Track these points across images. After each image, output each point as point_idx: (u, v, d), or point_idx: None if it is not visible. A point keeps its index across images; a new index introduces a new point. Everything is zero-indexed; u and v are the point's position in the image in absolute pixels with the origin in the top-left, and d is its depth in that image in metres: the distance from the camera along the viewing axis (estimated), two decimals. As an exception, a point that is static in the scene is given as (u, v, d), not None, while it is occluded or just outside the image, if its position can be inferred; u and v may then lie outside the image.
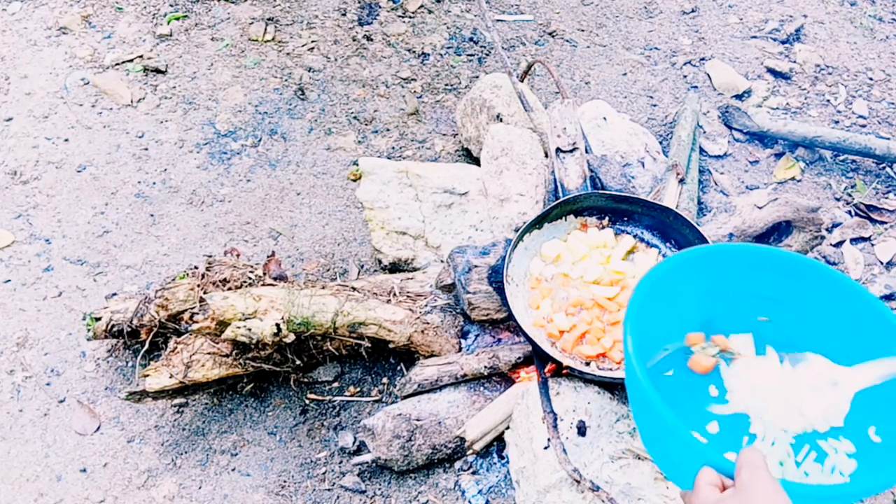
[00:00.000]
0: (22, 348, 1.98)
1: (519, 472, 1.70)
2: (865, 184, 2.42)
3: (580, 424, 1.65)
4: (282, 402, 1.91)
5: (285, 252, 2.18)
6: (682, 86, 2.65)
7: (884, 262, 2.23)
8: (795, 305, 1.40)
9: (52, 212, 2.24)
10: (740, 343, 1.42)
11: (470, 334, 1.87)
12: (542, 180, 2.04)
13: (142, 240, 2.20)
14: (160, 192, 2.31)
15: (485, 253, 1.83)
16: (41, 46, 2.64)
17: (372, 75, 2.63)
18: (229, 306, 1.70)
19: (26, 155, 2.36)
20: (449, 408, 1.77)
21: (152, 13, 2.75)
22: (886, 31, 2.87)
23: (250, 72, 2.61)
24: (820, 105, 2.62)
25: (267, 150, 2.42)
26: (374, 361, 1.96)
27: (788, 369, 1.37)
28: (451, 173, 2.10)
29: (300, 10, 2.80)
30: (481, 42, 2.75)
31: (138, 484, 1.78)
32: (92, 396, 1.91)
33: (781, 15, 2.88)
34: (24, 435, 1.85)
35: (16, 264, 2.13)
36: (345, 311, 1.77)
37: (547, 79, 2.65)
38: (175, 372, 1.74)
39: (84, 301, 2.06)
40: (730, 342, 1.41)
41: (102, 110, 2.49)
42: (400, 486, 1.78)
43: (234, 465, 1.82)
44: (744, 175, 2.41)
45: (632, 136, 2.21)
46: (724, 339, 1.43)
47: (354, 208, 2.28)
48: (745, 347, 1.41)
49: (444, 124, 2.51)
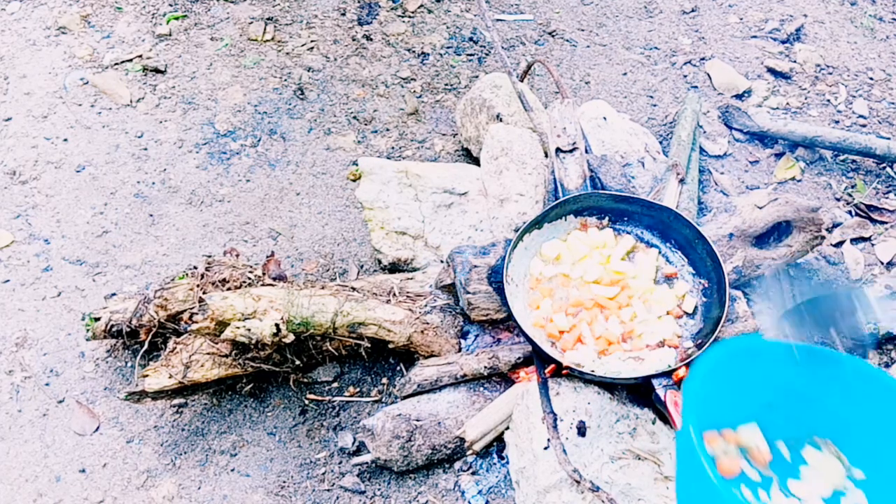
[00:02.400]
0: (21, 348, 1.98)
1: (519, 472, 1.70)
2: (866, 184, 2.41)
3: (580, 425, 1.64)
4: (281, 402, 1.91)
5: (285, 252, 2.18)
6: (682, 85, 2.64)
7: (884, 263, 2.23)
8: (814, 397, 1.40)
9: (51, 212, 2.24)
10: (748, 434, 1.43)
11: (470, 334, 1.87)
12: (541, 180, 2.04)
13: (141, 240, 2.19)
14: (159, 192, 2.30)
15: (484, 253, 1.82)
16: (40, 46, 2.63)
17: (371, 75, 2.63)
18: (228, 306, 1.69)
19: (25, 155, 2.36)
20: (449, 408, 1.77)
21: (151, 13, 2.74)
22: (887, 30, 2.86)
23: (250, 71, 2.61)
24: (820, 105, 2.61)
25: (266, 150, 2.42)
26: (374, 362, 1.96)
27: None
28: (450, 173, 2.10)
29: (300, 10, 2.80)
30: (481, 42, 2.75)
31: (137, 484, 1.78)
32: (91, 397, 1.91)
33: (782, 14, 2.87)
34: (23, 435, 1.85)
35: (15, 264, 2.13)
36: (344, 311, 1.77)
37: (547, 78, 2.64)
38: (174, 372, 1.74)
39: (83, 301, 2.06)
40: (739, 435, 1.43)
41: (101, 110, 2.49)
42: (399, 487, 1.78)
43: (234, 466, 1.81)
44: (744, 175, 2.41)
45: (632, 135, 2.21)
46: (733, 433, 1.44)
47: (354, 208, 2.28)
48: (755, 439, 1.42)
49: (444, 124, 2.51)
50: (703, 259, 1.85)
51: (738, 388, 1.43)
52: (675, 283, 1.87)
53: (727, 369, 1.40)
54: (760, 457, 1.44)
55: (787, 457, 1.47)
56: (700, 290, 1.86)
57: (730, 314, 1.88)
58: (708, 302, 1.83)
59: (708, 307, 1.82)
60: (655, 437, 1.66)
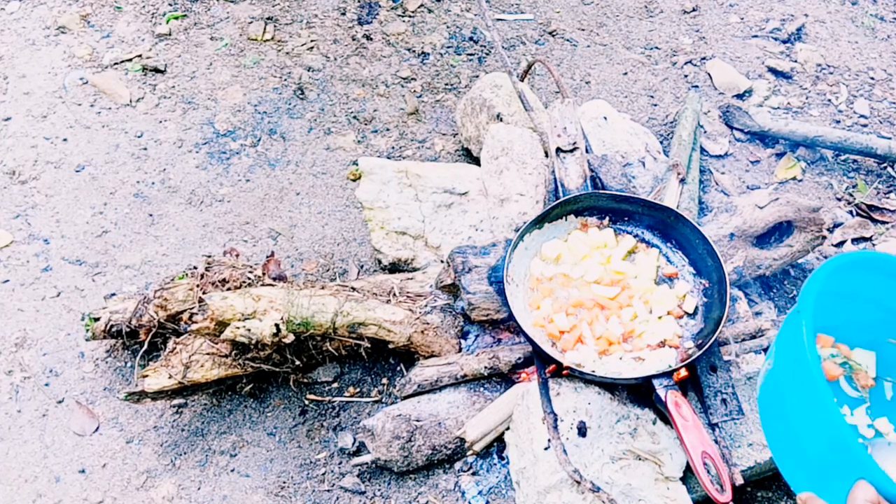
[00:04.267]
0: (20, 349, 1.97)
1: (519, 472, 1.70)
2: (867, 183, 2.41)
3: (580, 425, 1.64)
4: (281, 402, 1.90)
5: (284, 252, 2.18)
6: (682, 85, 2.64)
7: (885, 262, 2.22)
8: None
9: (50, 212, 2.23)
10: (862, 358, 1.39)
11: (470, 335, 1.87)
12: (542, 180, 2.03)
13: (141, 240, 2.19)
14: (159, 191, 2.30)
15: (485, 253, 1.82)
16: (40, 46, 2.63)
17: (372, 75, 2.62)
18: (228, 306, 1.69)
19: (25, 155, 2.36)
20: (449, 408, 1.77)
21: (151, 12, 2.74)
22: (888, 30, 2.86)
23: (249, 71, 2.61)
24: (821, 105, 2.61)
25: (266, 150, 2.41)
26: (374, 362, 1.95)
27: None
28: (450, 173, 2.09)
29: (299, 10, 2.79)
30: (481, 41, 2.75)
31: (137, 485, 1.78)
32: (91, 397, 1.90)
33: (782, 14, 2.87)
34: (22, 436, 1.84)
35: (14, 264, 2.12)
36: (344, 311, 1.77)
37: (547, 78, 2.64)
38: (174, 372, 1.73)
39: (83, 301, 2.06)
40: (853, 354, 1.39)
41: (101, 110, 2.48)
42: (400, 487, 1.77)
43: (234, 466, 1.81)
44: (745, 175, 2.40)
45: (632, 135, 2.21)
46: (847, 350, 1.40)
47: (354, 208, 2.28)
48: (867, 361, 1.38)
49: (444, 124, 2.51)
50: (704, 259, 1.84)
51: (868, 308, 1.32)
52: (676, 283, 1.87)
53: (861, 282, 1.27)
54: (864, 379, 1.37)
55: (888, 395, 1.40)
56: (701, 290, 1.85)
57: (731, 314, 1.88)
58: (709, 302, 1.82)
59: (709, 307, 1.81)
60: (656, 438, 1.66)
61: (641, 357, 1.73)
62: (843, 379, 1.37)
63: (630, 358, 1.73)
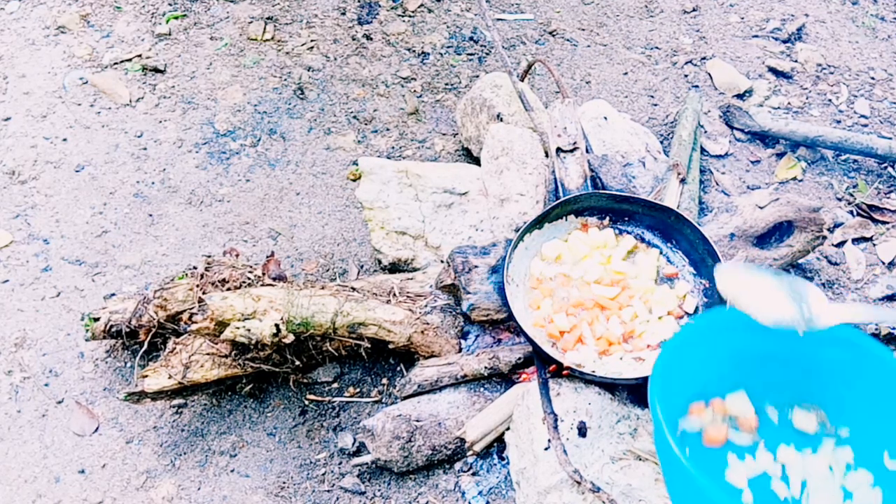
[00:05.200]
0: (20, 349, 1.97)
1: (519, 473, 1.70)
2: (867, 183, 2.41)
3: (581, 425, 1.64)
4: (281, 402, 1.90)
5: (284, 252, 2.17)
6: (683, 85, 2.64)
7: (886, 263, 2.23)
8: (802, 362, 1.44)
9: (50, 212, 2.23)
10: (736, 402, 1.47)
11: (470, 335, 1.86)
12: (542, 180, 2.03)
13: (140, 240, 2.19)
14: (159, 191, 2.30)
15: (485, 253, 1.82)
16: (39, 46, 2.63)
17: (372, 75, 2.62)
18: (228, 307, 1.69)
19: (24, 154, 2.35)
20: (449, 408, 1.77)
21: (151, 12, 2.74)
22: (888, 30, 2.86)
23: (249, 71, 2.61)
24: (821, 104, 2.61)
25: (266, 150, 2.41)
26: (374, 362, 1.95)
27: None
28: (451, 173, 2.09)
29: (299, 9, 2.79)
30: (481, 41, 2.75)
31: (137, 485, 1.78)
32: (90, 397, 1.90)
33: (783, 14, 2.87)
34: (22, 436, 1.84)
35: (14, 264, 2.12)
36: (344, 311, 1.77)
37: (547, 78, 2.64)
38: (174, 372, 1.73)
39: (82, 301, 2.06)
40: (726, 404, 1.47)
41: (101, 110, 2.48)
42: (400, 488, 1.77)
43: (234, 466, 1.81)
44: (745, 175, 2.40)
45: (632, 135, 2.21)
46: (721, 403, 1.48)
47: (354, 208, 2.27)
48: (741, 407, 1.46)
49: (444, 124, 2.51)
50: (704, 259, 1.84)
51: (722, 358, 1.48)
52: (676, 283, 1.87)
53: (707, 341, 1.44)
54: (747, 423, 1.49)
55: (775, 420, 1.52)
56: (701, 290, 1.85)
57: (731, 314, 1.88)
58: (709, 302, 1.82)
59: (709, 307, 1.81)
60: (656, 438, 1.66)
61: (642, 357, 1.72)
62: (731, 431, 1.45)
63: (630, 358, 1.72)
